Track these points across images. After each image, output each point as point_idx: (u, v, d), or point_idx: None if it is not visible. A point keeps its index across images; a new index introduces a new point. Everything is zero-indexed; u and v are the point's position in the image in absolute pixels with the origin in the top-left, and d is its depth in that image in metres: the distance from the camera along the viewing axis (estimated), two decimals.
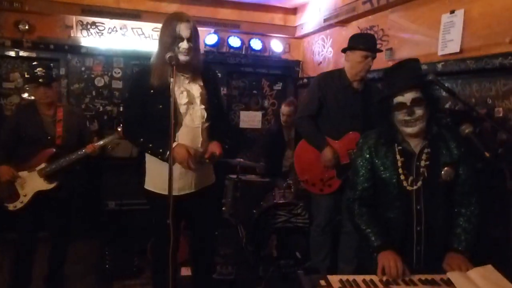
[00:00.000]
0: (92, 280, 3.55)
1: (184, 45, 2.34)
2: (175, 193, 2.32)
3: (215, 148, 2.46)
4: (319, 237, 3.28)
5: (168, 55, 2.28)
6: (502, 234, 2.51)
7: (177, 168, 2.37)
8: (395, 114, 1.94)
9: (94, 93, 4.73)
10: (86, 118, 4.15)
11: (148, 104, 2.42)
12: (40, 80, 3.02)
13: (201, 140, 2.49)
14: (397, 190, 2.00)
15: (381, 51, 3.32)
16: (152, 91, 2.39)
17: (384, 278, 1.80)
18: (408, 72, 1.96)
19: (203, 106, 2.50)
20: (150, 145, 2.40)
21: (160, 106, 2.35)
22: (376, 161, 2.05)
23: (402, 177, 1.98)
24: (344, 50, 3.17)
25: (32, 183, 3.04)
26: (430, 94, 1.95)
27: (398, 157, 2.00)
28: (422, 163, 1.98)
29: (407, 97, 1.89)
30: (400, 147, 2.00)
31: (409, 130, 1.93)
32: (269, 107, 5.46)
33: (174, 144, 2.30)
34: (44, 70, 3.06)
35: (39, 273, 3.24)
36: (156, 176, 2.45)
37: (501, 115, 2.64)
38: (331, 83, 3.17)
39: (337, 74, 3.21)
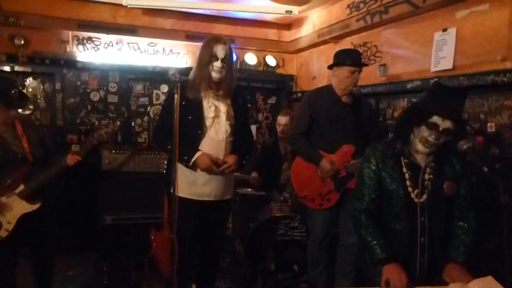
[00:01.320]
0: None
1: (218, 64, 2.59)
2: (194, 197, 2.67)
3: (229, 159, 2.66)
4: (317, 252, 3.30)
5: (171, 72, 2.38)
6: (495, 246, 2.58)
7: (199, 175, 2.65)
8: (422, 128, 1.97)
9: (89, 107, 4.73)
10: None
11: (179, 114, 2.49)
12: (15, 102, 2.80)
13: (224, 153, 2.70)
14: (404, 202, 2.05)
15: (367, 65, 3.39)
16: (184, 103, 2.53)
17: None
18: (458, 102, 1.99)
19: (228, 122, 2.71)
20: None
21: (189, 117, 2.59)
22: (383, 173, 2.10)
23: (409, 189, 2.04)
24: (330, 67, 3.26)
25: (14, 208, 2.80)
26: (460, 130, 1.99)
27: (405, 170, 2.06)
28: (427, 176, 2.04)
29: (444, 124, 1.92)
30: (406, 160, 2.07)
31: (421, 148, 1.99)
32: (263, 120, 5.52)
33: (199, 153, 2.59)
34: (18, 91, 2.85)
35: None
36: (180, 181, 2.53)
37: (493, 130, 2.72)
38: (320, 100, 3.24)
39: (325, 90, 3.29)
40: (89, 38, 4.66)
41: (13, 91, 2.80)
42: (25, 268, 3.07)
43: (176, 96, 2.28)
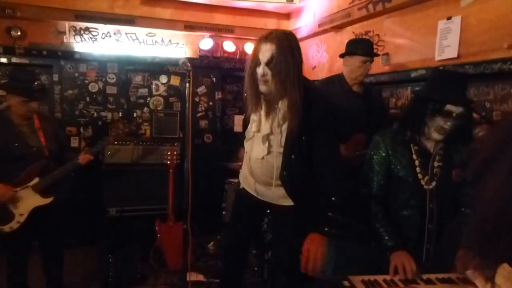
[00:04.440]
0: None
1: (259, 70, 1.93)
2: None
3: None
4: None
5: (182, 60, 2.31)
6: None
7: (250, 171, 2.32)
8: (436, 118, 1.99)
9: (88, 99, 4.68)
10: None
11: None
12: (36, 94, 2.78)
13: (259, 170, 2.21)
14: (413, 189, 2.08)
15: (379, 55, 3.41)
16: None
17: (397, 278, 1.85)
18: (463, 86, 2.03)
19: (265, 144, 2.14)
20: None
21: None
22: (393, 159, 2.12)
23: (419, 176, 2.07)
24: (342, 55, 3.25)
25: (27, 200, 2.83)
26: (468, 114, 2.03)
27: (415, 157, 2.09)
28: (436, 163, 2.08)
29: (457, 110, 1.95)
30: (416, 147, 2.10)
31: (436, 136, 2.02)
32: None
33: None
34: (40, 84, 2.84)
35: (38, 282, 3.14)
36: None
37: (499, 118, 2.75)
38: (332, 89, 3.23)
39: (336, 80, 3.28)
40: (87, 29, 4.60)
41: (35, 83, 2.79)
42: (36, 262, 3.09)
43: (188, 85, 2.24)
